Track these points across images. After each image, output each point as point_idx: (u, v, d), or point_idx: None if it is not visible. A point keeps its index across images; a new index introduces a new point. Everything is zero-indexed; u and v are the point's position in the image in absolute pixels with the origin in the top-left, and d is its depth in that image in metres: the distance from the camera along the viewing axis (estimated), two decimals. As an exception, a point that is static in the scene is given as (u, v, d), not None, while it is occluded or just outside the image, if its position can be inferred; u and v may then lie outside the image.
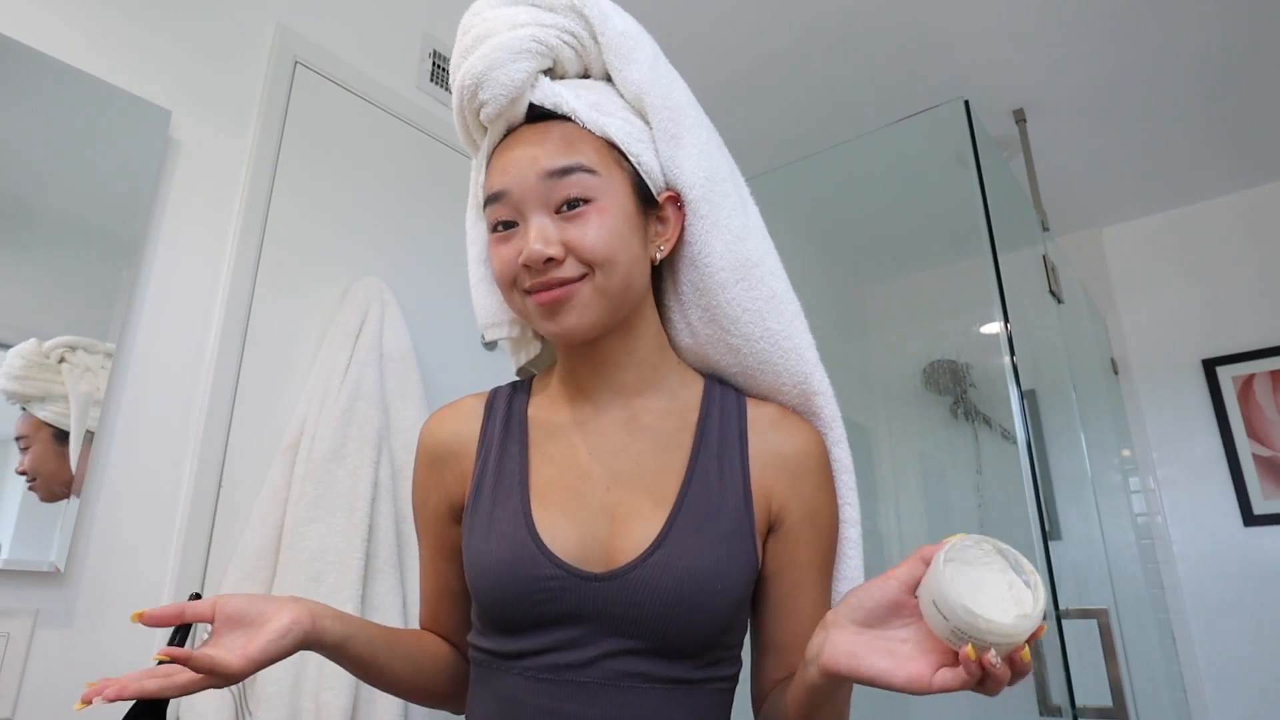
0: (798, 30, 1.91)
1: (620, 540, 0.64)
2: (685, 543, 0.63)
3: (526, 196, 0.64)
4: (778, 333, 0.72)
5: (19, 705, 0.92)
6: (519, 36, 0.67)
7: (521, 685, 0.63)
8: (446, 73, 1.67)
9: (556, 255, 0.63)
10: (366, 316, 1.29)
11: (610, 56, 0.70)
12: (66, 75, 1.06)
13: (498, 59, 0.66)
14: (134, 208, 1.10)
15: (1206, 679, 2.26)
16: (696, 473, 0.67)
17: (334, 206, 1.38)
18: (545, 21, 0.69)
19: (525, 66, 0.67)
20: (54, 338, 1.00)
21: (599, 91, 0.70)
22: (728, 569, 0.63)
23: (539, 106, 0.68)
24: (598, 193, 0.64)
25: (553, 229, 0.64)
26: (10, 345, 0.97)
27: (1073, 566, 1.87)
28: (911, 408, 2.49)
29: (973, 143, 1.57)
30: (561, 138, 0.66)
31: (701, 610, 0.62)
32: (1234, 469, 2.34)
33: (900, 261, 2.62)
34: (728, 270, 0.70)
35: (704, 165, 0.70)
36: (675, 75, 0.73)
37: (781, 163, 2.16)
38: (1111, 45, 1.93)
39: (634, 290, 0.68)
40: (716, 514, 0.65)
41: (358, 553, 1.12)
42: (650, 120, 0.70)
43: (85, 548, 1.00)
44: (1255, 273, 2.46)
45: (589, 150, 0.66)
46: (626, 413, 0.71)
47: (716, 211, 0.70)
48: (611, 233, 0.64)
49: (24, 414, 0.97)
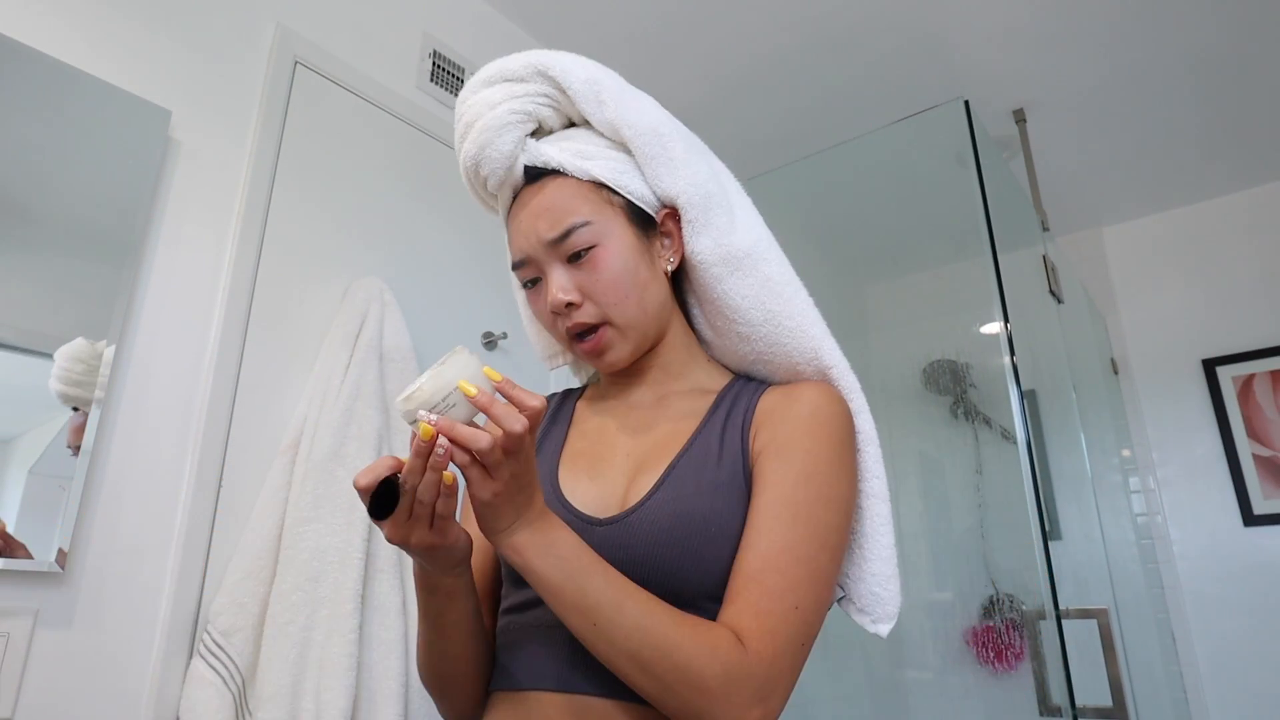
0: (798, 30, 1.91)
1: (630, 494, 0.70)
2: (680, 488, 0.68)
3: (540, 258, 0.74)
4: (778, 313, 0.76)
5: (19, 705, 0.92)
6: (499, 114, 0.76)
7: (531, 635, 0.68)
8: (447, 73, 1.67)
9: (575, 300, 0.72)
10: (366, 316, 1.29)
11: (582, 105, 0.77)
12: (66, 75, 1.06)
13: (487, 139, 0.76)
14: (134, 208, 1.10)
15: (1206, 679, 2.26)
16: (700, 435, 0.72)
17: (334, 206, 1.38)
18: (518, 93, 0.77)
19: (511, 138, 0.76)
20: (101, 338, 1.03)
21: (580, 139, 0.78)
22: (721, 513, 0.66)
23: (534, 167, 0.76)
24: (598, 237, 0.73)
25: (567, 278, 0.73)
26: (9, 345, 0.97)
27: (1073, 566, 1.87)
28: (911, 408, 2.49)
29: (973, 143, 1.57)
30: (552, 204, 0.74)
31: (697, 554, 0.65)
32: (1234, 469, 2.34)
33: (900, 261, 2.62)
34: (718, 264, 0.76)
35: (684, 175, 0.76)
36: (643, 101, 0.79)
37: (781, 163, 2.17)
38: (1112, 45, 1.93)
39: (653, 309, 0.75)
40: (714, 466, 0.69)
41: (358, 553, 1.12)
42: (631, 149, 0.76)
43: (85, 548, 1.00)
44: (1255, 273, 2.46)
45: (579, 203, 0.74)
46: (656, 395, 0.79)
47: (704, 215, 0.76)
48: (618, 271, 0.73)
49: (76, 414, 1.00)
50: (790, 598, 0.62)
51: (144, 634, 1.04)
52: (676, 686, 0.57)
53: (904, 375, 2.49)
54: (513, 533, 0.59)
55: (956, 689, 2.22)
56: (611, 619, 0.58)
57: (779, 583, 0.62)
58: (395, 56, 1.58)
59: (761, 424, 0.71)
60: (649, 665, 0.57)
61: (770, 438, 0.69)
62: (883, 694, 2.26)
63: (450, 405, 0.55)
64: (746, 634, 0.60)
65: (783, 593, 0.62)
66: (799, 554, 0.63)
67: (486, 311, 1.61)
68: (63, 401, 0.99)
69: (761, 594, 0.61)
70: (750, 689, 0.57)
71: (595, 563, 0.60)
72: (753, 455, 0.70)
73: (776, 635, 0.60)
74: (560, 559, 0.58)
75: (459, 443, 0.54)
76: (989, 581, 2.22)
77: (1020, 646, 2.11)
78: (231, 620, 1.05)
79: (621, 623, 0.58)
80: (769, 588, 0.62)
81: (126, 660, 1.02)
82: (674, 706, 0.58)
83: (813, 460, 0.68)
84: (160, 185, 1.15)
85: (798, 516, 0.65)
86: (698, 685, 0.56)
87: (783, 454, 0.68)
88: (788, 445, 0.68)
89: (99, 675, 0.99)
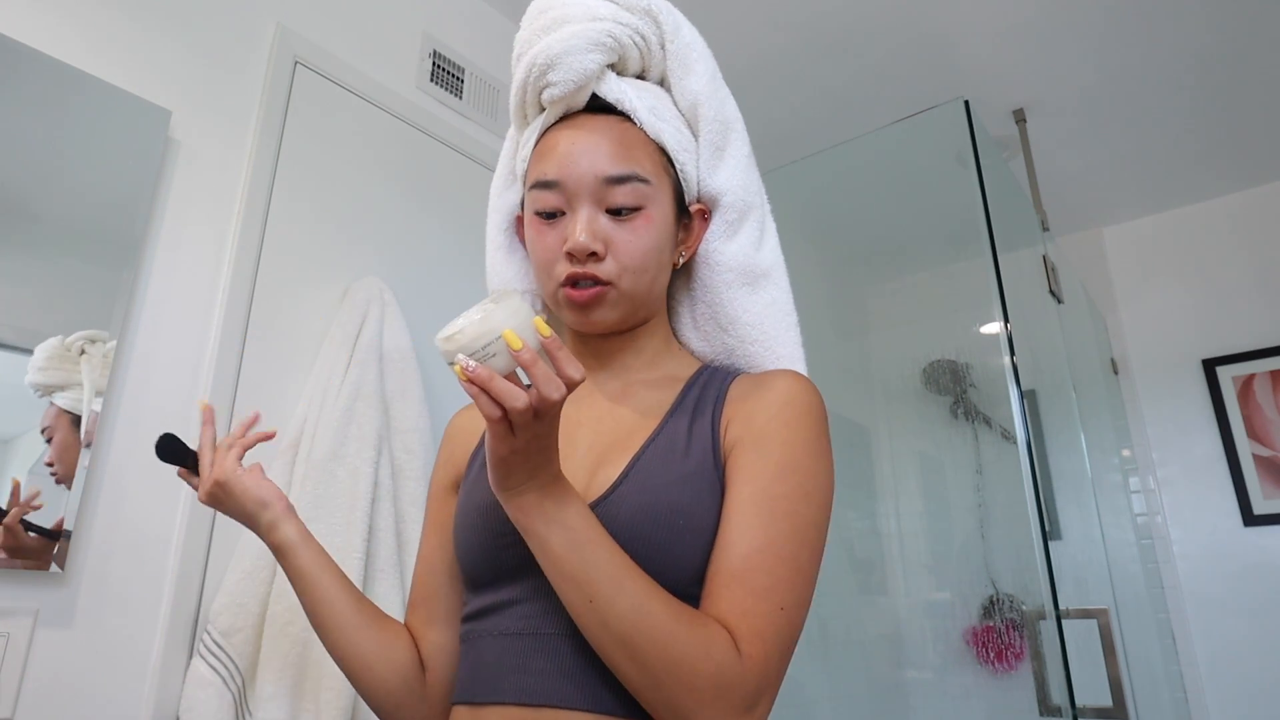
0: (798, 30, 1.91)
1: (590, 488, 0.67)
2: (644, 481, 0.64)
3: (581, 191, 0.68)
4: (773, 338, 0.76)
5: (19, 705, 0.92)
6: (598, 29, 0.70)
7: (490, 645, 0.65)
8: (447, 73, 1.67)
9: (600, 251, 0.67)
10: (366, 316, 1.29)
11: (674, 64, 0.74)
12: (67, 75, 1.06)
13: (574, 45, 0.69)
14: (134, 208, 1.10)
15: (1206, 679, 2.26)
16: (667, 426, 0.69)
17: (334, 206, 1.38)
18: (624, 20, 0.73)
19: (598, 59, 0.70)
20: (76, 332, 1.04)
21: (657, 96, 0.74)
22: (689, 505, 0.62)
23: (600, 99, 0.71)
24: (648, 201, 0.69)
25: (601, 224, 0.68)
26: (9, 345, 0.97)
27: (1073, 566, 1.87)
28: (911, 408, 2.50)
29: (973, 143, 1.57)
30: (620, 141, 0.69)
31: (665, 548, 0.61)
32: (1234, 469, 2.34)
33: (900, 261, 2.62)
34: (736, 272, 0.75)
35: (738, 178, 0.75)
36: (729, 93, 0.78)
37: (781, 162, 2.16)
38: (1112, 45, 1.93)
39: (654, 294, 0.73)
40: (681, 457, 0.66)
41: (358, 553, 1.12)
42: (700, 130, 0.74)
43: (85, 548, 1.00)
44: (1255, 273, 2.46)
45: (644, 158, 0.70)
46: (621, 384, 0.75)
47: (742, 220, 0.75)
48: (653, 243, 0.69)
49: (50, 407, 1.00)
50: (775, 598, 0.58)
51: (144, 634, 1.04)
52: (666, 681, 0.54)
53: (904, 375, 2.49)
54: (521, 493, 0.57)
55: (956, 689, 2.23)
56: (610, 597, 0.55)
57: (763, 582, 0.59)
58: (395, 56, 1.58)
59: (734, 414, 0.68)
60: (640, 653, 0.54)
61: (745, 428, 0.66)
62: (883, 694, 2.26)
63: (491, 355, 0.52)
64: (735, 636, 0.57)
65: (767, 592, 0.58)
66: (781, 552, 0.60)
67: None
68: (36, 393, 1.00)
69: (745, 593, 0.58)
70: (740, 695, 0.55)
71: (602, 537, 0.57)
72: (725, 446, 0.66)
73: (765, 637, 0.57)
74: (566, 527, 0.56)
75: (495, 397, 0.52)
76: (989, 581, 2.22)
77: (1020, 646, 2.12)
78: (231, 620, 1.05)
79: (619, 602, 0.55)
80: (752, 587, 0.58)
81: (126, 660, 1.02)
82: (659, 702, 0.55)
83: (790, 451, 0.64)
84: (160, 185, 1.15)
85: (777, 512, 0.61)
86: (688, 683, 0.54)
87: (760, 445, 0.64)
88: (763, 436, 0.65)
89: (99, 675, 0.99)
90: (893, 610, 2.36)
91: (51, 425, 1.00)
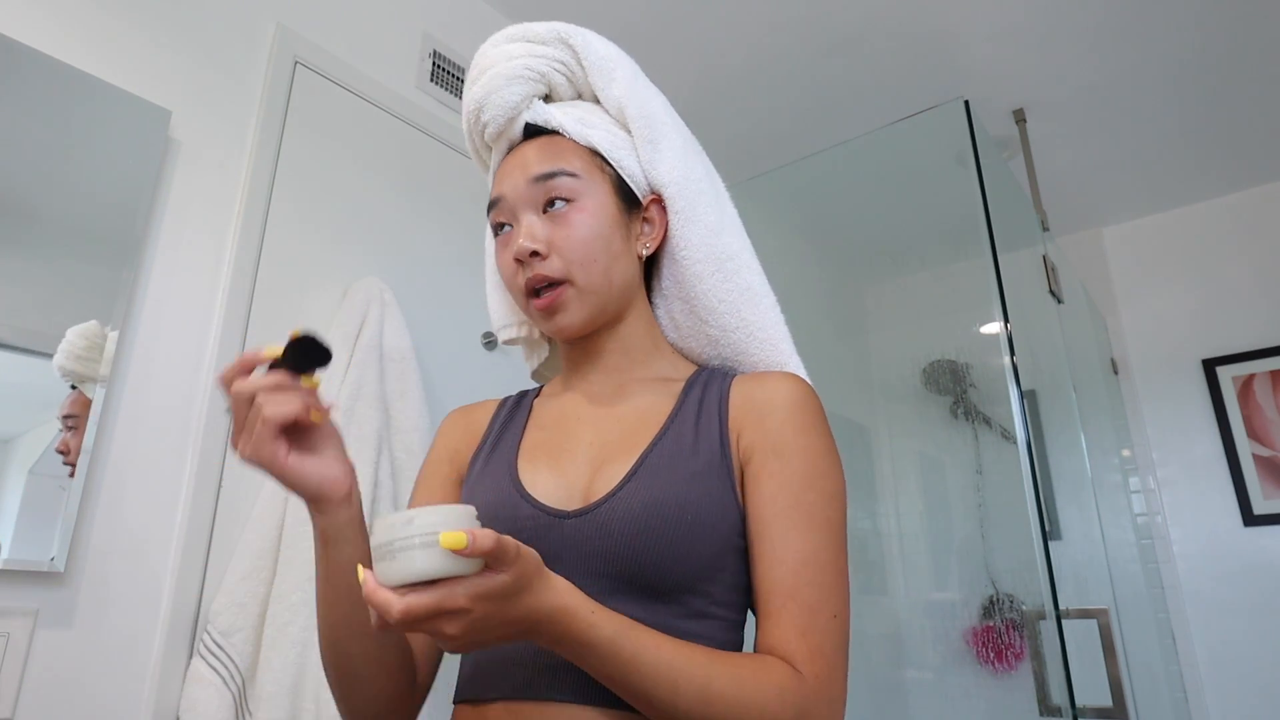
0: (798, 30, 1.91)
1: (596, 484, 0.68)
2: (653, 477, 0.66)
3: (518, 200, 0.73)
4: (753, 323, 0.77)
5: (19, 705, 0.92)
6: (514, 66, 0.77)
7: None
8: (447, 73, 1.67)
9: (541, 250, 0.71)
10: (366, 316, 1.29)
11: (594, 78, 0.79)
12: (67, 75, 1.06)
13: (495, 85, 0.77)
14: (134, 208, 1.10)
15: (1206, 679, 2.26)
16: (673, 424, 0.71)
17: (334, 206, 1.38)
18: (537, 53, 0.79)
19: (519, 90, 0.77)
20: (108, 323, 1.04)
21: (587, 110, 0.79)
22: (697, 501, 0.64)
23: (534, 125, 0.78)
24: (578, 194, 0.73)
25: (539, 227, 0.72)
26: (9, 345, 0.97)
27: (1073, 566, 1.87)
28: (911, 408, 2.50)
29: (973, 143, 1.57)
30: (546, 148, 0.75)
31: (674, 544, 0.62)
32: (1234, 469, 2.34)
33: (900, 261, 2.62)
34: (703, 262, 0.76)
35: (679, 166, 0.77)
36: (653, 90, 0.81)
37: (781, 163, 2.17)
38: (1112, 45, 1.93)
39: (618, 284, 0.74)
40: (689, 455, 0.67)
41: (358, 553, 1.12)
42: (630, 129, 0.78)
43: (85, 548, 1.00)
44: (1255, 273, 2.46)
45: (573, 158, 0.74)
46: (615, 384, 0.77)
47: (692, 208, 0.77)
48: (591, 231, 0.72)
49: (74, 393, 1.00)
50: (828, 608, 0.61)
51: (144, 634, 1.04)
52: None
53: (904, 375, 2.49)
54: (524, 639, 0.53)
55: (956, 689, 2.23)
56: (669, 700, 0.55)
57: (814, 596, 0.61)
58: (395, 56, 1.58)
59: (742, 418, 0.69)
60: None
61: (759, 435, 0.68)
62: (883, 694, 2.27)
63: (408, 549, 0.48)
64: (798, 658, 0.59)
65: (820, 605, 0.61)
66: (823, 560, 0.63)
67: (486, 312, 1.61)
68: (62, 376, 0.99)
69: (800, 611, 0.61)
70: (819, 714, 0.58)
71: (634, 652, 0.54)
72: (740, 452, 0.68)
73: (825, 652, 0.60)
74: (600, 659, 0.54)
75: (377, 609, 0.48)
76: (989, 581, 2.23)
77: (1020, 646, 2.12)
78: (231, 620, 1.05)
79: (679, 701, 0.55)
80: (806, 603, 0.61)
81: (126, 660, 1.02)
82: None
83: (812, 459, 0.67)
84: (160, 185, 1.15)
85: (814, 520, 0.64)
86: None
87: (780, 454, 0.66)
88: (781, 444, 0.67)
89: (99, 675, 0.99)
90: (893, 610, 2.37)
91: (80, 415, 1.00)
